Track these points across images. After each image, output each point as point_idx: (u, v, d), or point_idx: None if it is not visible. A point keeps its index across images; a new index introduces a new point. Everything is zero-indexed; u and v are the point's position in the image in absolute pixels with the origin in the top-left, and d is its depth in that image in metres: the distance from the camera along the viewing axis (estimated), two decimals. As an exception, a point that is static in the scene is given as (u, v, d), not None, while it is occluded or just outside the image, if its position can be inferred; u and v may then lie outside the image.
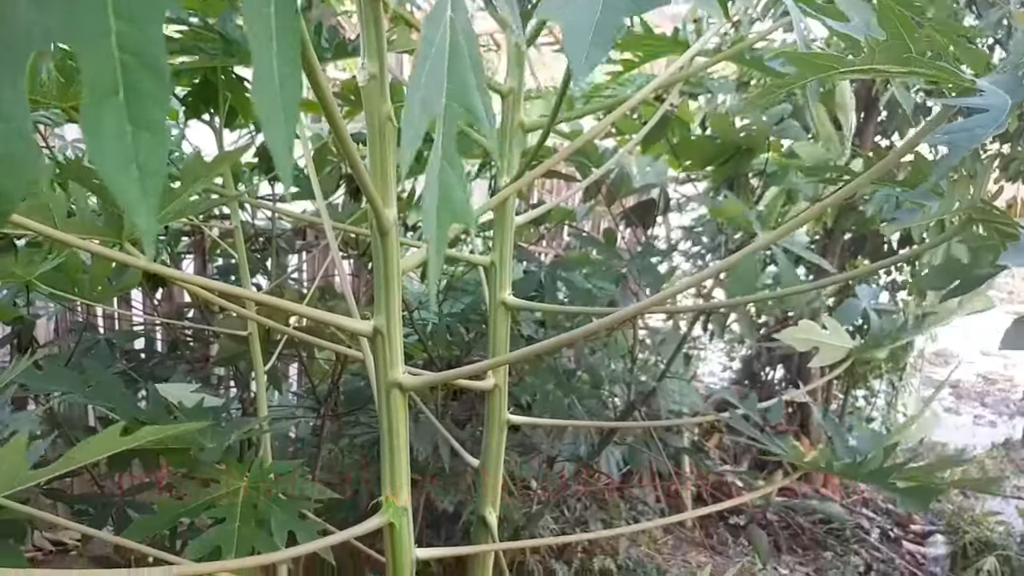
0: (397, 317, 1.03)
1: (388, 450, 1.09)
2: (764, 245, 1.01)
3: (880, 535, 4.71)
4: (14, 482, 0.68)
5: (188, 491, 1.36)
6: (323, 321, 1.03)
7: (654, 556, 4.08)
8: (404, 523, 1.10)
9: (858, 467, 1.15)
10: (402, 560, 1.11)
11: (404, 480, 1.09)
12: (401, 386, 1.06)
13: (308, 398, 2.70)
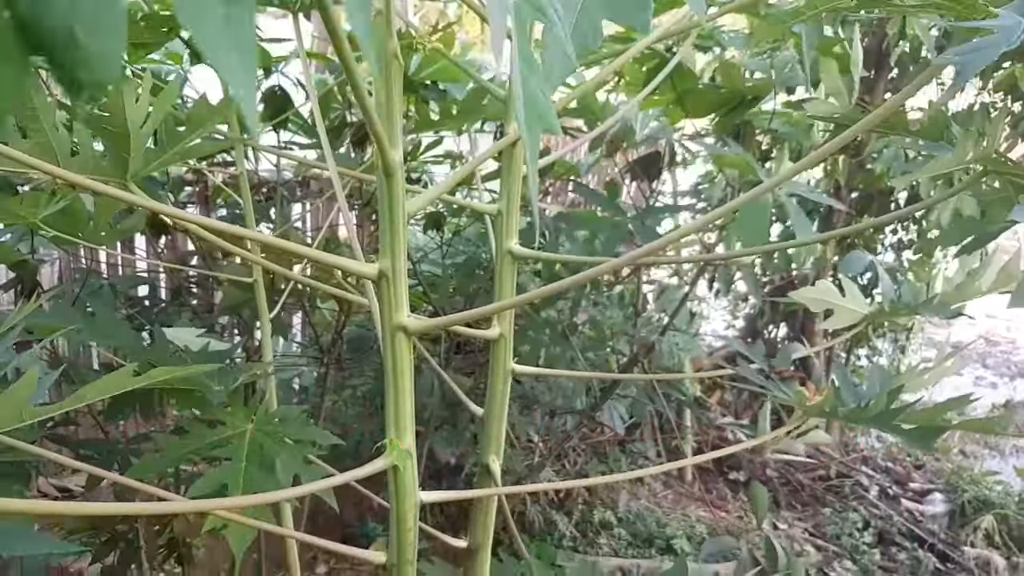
0: (402, 260, 1.03)
1: (393, 394, 1.09)
2: (770, 187, 1.00)
3: (879, 492, 4.75)
4: (21, 417, 0.68)
5: (194, 432, 1.37)
6: (329, 264, 1.02)
7: (654, 510, 4.12)
8: (408, 466, 1.11)
9: (862, 411, 1.15)
10: (406, 503, 1.12)
11: (408, 424, 1.10)
12: (406, 330, 1.06)
13: (311, 347, 2.71)
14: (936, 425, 1.17)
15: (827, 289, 1.58)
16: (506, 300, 1.35)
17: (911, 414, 1.18)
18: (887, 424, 1.17)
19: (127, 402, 1.73)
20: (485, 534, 1.65)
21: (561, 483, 3.08)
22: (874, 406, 1.20)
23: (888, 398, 1.19)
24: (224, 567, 3.47)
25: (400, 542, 1.13)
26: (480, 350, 3.29)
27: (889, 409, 1.18)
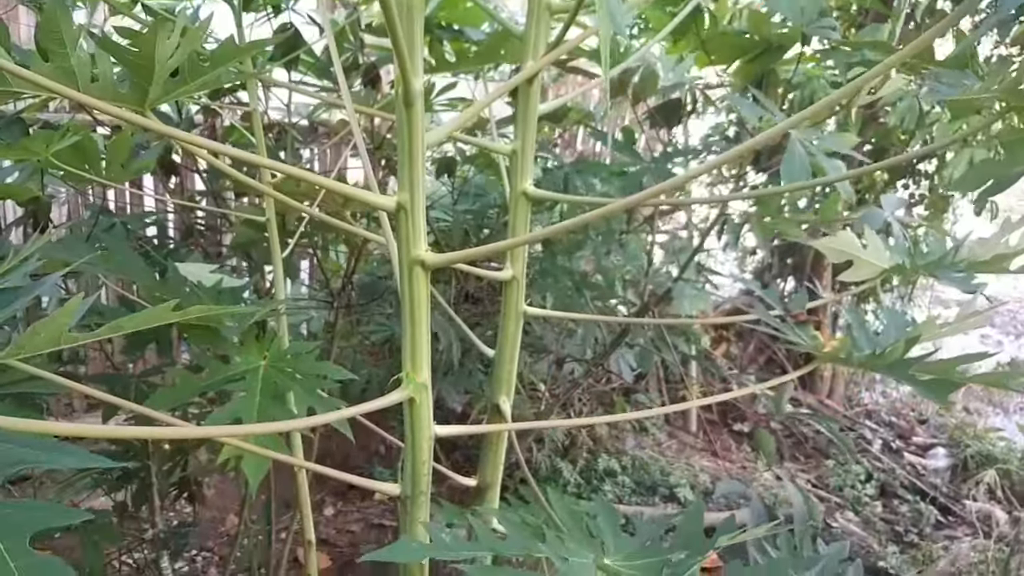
0: (421, 192, 1.02)
1: (409, 328, 1.09)
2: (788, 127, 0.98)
3: (882, 446, 4.78)
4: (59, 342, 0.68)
5: (209, 367, 1.37)
6: (346, 195, 1.02)
7: (658, 458, 4.16)
8: (424, 399, 1.11)
9: (878, 358, 1.15)
10: (421, 436, 1.13)
11: (424, 357, 1.10)
12: (423, 264, 1.06)
13: (321, 291, 2.71)
14: (951, 378, 1.16)
15: (849, 240, 1.56)
16: (521, 236, 1.34)
17: (927, 365, 1.17)
18: (902, 373, 1.16)
19: (145, 338, 1.75)
20: (494, 473, 1.67)
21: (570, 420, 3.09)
22: (890, 354, 1.19)
23: (905, 346, 1.18)
24: (234, 508, 3.52)
25: (415, 474, 1.14)
26: (487, 299, 3.29)
27: (905, 358, 1.17)
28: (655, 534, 1.04)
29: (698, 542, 0.96)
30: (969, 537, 3.81)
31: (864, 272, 1.56)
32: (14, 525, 0.48)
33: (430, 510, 1.19)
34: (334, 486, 3.84)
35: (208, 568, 3.04)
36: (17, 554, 0.47)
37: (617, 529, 1.06)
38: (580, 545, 0.98)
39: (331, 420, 1.02)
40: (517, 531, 1.01)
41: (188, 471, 2.35)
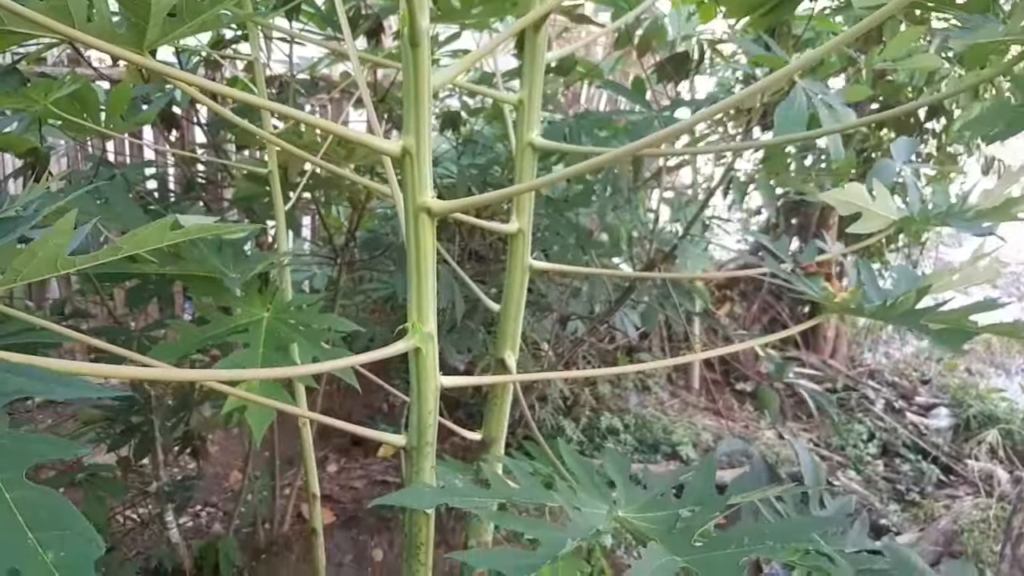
0: (427, 137, 1.00)
1: (415, 277, 1.07)
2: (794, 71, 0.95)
3: (885, 406, 4.78)
4: (56, 267, 0.66)
5: (212, 318, 1.36)
6: (352, 140, 0.99)
7: (660, 417, 4.16)
8: (430, 349, 1.09)
9: (890, 309, 1.13)
10: (427, 386, 1.12)
11: (430, 307, 1.08)
12: (430, 211, 1.04)
13: (324, 247, 2.69)
14: (963, 327, 1.15)
15: (858, 192, 1.54)
16: (526, 183, 1.31)
17: (938, 315, 1.15)
18: (914, 323, 1.15)
19: (147, 294, 1.73)
20: (499, 427, 1.66)
21: (575, 372, 3.08)
22: (901, 304, 1.18)
23: (916, 296, 1.16)
24: (237, 464, 3.53)
25: (420, 425, 1.13)
26: (492, 258, 3.27)
27: (916, 308, 1.15)
28: (666, 487, 1.03)
29: (710, 498, 0.95)
30: (971, 496, 3.82)
31: (873, 224, 1.54)
32: (11, 456, 0.47)
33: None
34: (337, 443, 3.85)
35: (212, 523, 3.05)
36: (13, 485, 0.45)
37: (628, 481, 1.05)
38: (592, 496, 0.97)
39: (337, 368, 1.01)
40: (529, 480, 1.00)
41: (191, 426, 2.35)
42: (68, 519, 0.46)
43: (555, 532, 0.82)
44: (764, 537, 0.81)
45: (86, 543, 0.45)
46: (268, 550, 2.72)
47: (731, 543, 0.79)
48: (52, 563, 0.44)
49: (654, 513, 0.95)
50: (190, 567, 2.44)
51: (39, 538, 0.44)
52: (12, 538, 0.44)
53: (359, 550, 2.76)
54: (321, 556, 1.99)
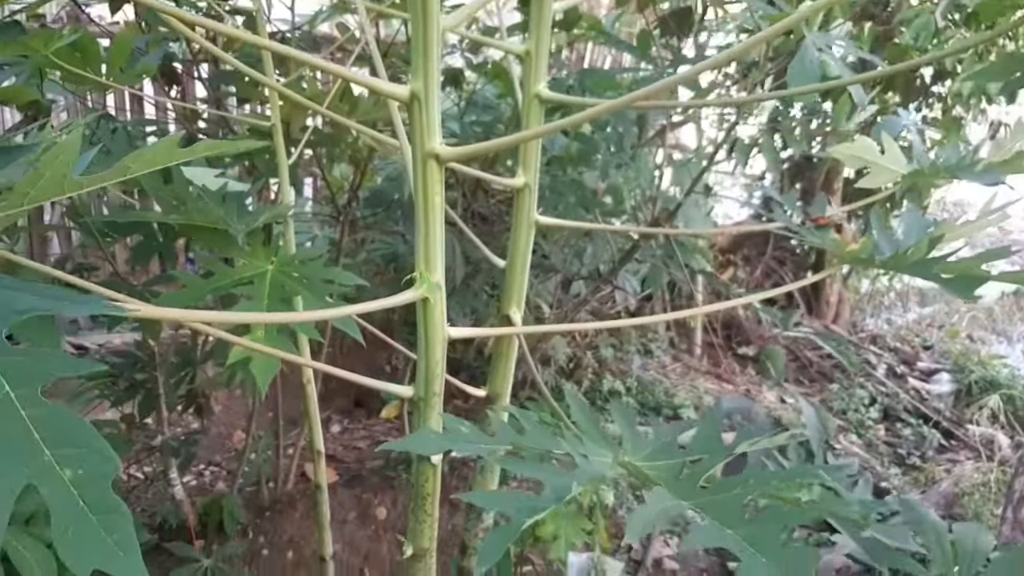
0: (435, 81, 0.98)
1: (423, 225, 1.05)
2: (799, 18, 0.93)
3: (887, 371, 4.79)
4: (63, 189, 0.65)
5: (217, 271, 1.35)
6: (358, 83, 0.97)
7: (662, 380, 4.17)
8: (438, 300, 1.08)
9: (901, 258, 1.12)
10: (435, 337, 1.10)
11: (439, 256, 1.06)
12: (438, 157, 1.02)
13: (327, 205, 2.67)
14: (976, 274, 1.13)
15: (867, 146, 1.52)
16: (537, 128, 1.29)
17: (950, 264, 1.14)
18: (927, 272, 1.13)
19: (150, 249, 1.72)
20: (504, 384, 1.65)
21: (582, 325, 3.08)
22: (913, 254, 1.16)
23: (928, 245, 1.15)
24: (240, 424, 3.54)
25: (427, 375, 1.12)
26: (496, 219, 3.25)
27: (929, 257, 1.14)
28: (672, 437, 1.03)
29: (716, 446, 0.95)
30: (971, 460, 3.83)
31: (882, 179, 1.52)
32: (26, 373, 0.46)
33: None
34: (340, 405, 3.87)
35: (215, 482, 3.07)
36: (29, 402, 0.45)
37: (635, 431, 1.04)
38: (598, 444, 0.96)
39: (344, 314, 1.00)
40: (535, 428, 0.99)
41: (195, 384, 2.35)
42: (85, 437, 0.45)
43: (561, 476, 0.82)
44: (769, 479, 0.80)
45: (104, 461, 0.45)
46: (272, 508, 2.74)
47: (736, 486, 0.78)
48: (70, 480, 0.43)
49: (661, 461, 0.94)
50: (194, 523, 2.46)
51: (56, 455, 0.43)
52: (28, 455, 0.43)
53: (362, 508, 2.77)
54: (325, 512, 1.99)
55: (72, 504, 0.43)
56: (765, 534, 0.65)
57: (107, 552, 0.43)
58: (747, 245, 5.17)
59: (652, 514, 0.76)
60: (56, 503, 0.42)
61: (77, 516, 0.43)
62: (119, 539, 0.43)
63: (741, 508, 0.73)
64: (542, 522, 2.18)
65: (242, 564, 2.51)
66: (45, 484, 0.43)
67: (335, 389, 3.88)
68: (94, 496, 0.43)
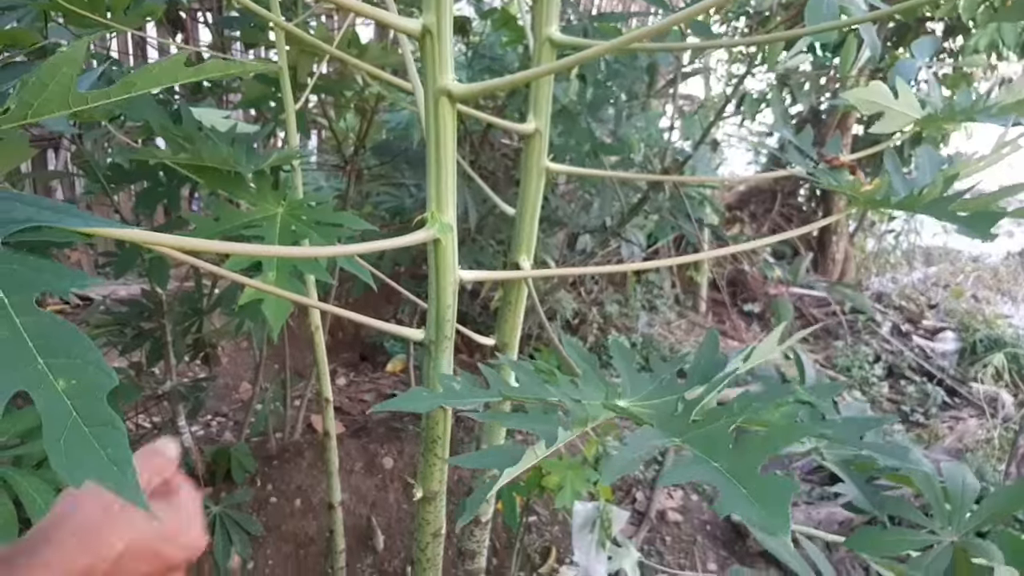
0: (448, 14, 0.96)
1: (435, 164, 1.04)
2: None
3: (891, 329, 4.79)
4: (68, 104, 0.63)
5: (225, 214, 1.34)
6: (369, 16, 0.95)
7: (667, 336, 4.17)
8: (449, 241, 1.07)
9: (917, 199, 1.10)
10: (446, 279, 1.10)
11: (450, 196, 1.05)
12: (450, 94, 1.00)
13: (334, 154, 2.65)
14: (991, 211, 1.12)
15: (879, 90, 1.49)
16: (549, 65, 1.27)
17: (966, 202, 1.13)
18: (942, 211, 1.12)
19: (155, 195, 1.70)
20: (513, 333, 1.65)
21: (594, 268, 3.05)
22: (928, 194, 1.15)
23: (944, 184, 1.14)
24: (247, 376, 3.56)
25: (438, 318, 1.11)
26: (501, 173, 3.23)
27: (944, 196, 1.13)
28: (670, 373, 1.02)
29: (715, 373, 0.94)
30: (975, 418, 3.85)
31: (896, 123, 1.50)
32: (21, 281, 0.45)
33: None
34: (346, 359, 3.88)
35: (223, 432, 3.08)
36: (23, 310, 0.44)
37: (634, 372, 1.04)
38: (595, 389, 0.96)
39: (356, 251, 0.99)
40: (530, 378, 0.98)
41: (202, 333, 2.35)
42: (80, 348, 0.44)
43: (550, 425, 0.81)
44: (750, 401, 0.80)
45: (99, 373, 0.44)
46: (279, 457, 2.75)
47: (722, 415, 0.77)
48: (63, 390, 0.42)
49: (657, 399, 0.94)
50: (203, 472, 2.47)
51: (49, 364, 0.43)
52: (22, 362, 0.42)
53: (369, 458, 2.79)
54: (334, 459, 2.00)
55: (65, 414, 0.42)
56: (746, 464, 0.65)
57: (101, 465, 0.41)
58: (754, 201, 5.15)
59: (632, 454, 0.75)
60: (49, 412, 0.41)
61: (70, 427, 0.42)
62: (113, 453, 0.42)
63: (726, 438, 0.72)
64: (548, 472, 2.19)
65: (250, 511, 2.53)
66: (38, 392, 0.42)
67: (341, 342, 3.89)
68: (88, 408, 0.42)
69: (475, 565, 1.83)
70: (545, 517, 2.81)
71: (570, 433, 0.80)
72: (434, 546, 1.34)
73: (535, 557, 2.67)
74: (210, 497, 2.44)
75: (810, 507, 2.96)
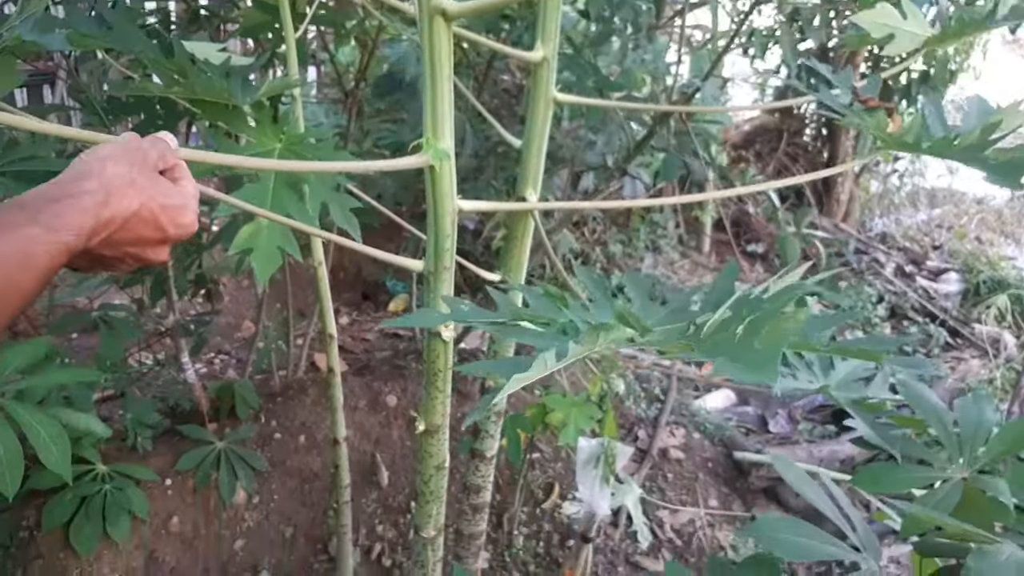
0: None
1: (430, 87, 1.01)
2: None
3: (895, 269, 4.77)
4: None
5: (222, 147, 1.31)
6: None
7: (671, 276, 4.16)
8: (446, 168, 1.04)
9: (950, 143, 1.07)
10: (443, 207, 1.07)
11: (447, 121, 1.02)
12: (445, 12, 0.96)
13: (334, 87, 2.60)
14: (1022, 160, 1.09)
15: (888, 12, 1.45)
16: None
17: (999, 151, 1.10)
18: (976, 159, 1.08)
19: (152, 127, 1.67)
20: (518, 268, 1.63)
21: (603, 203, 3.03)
22: (963, 140, 1.11)
23: (984, 133, 1.10)
24: (249, 315, 3.56)
25: (437, 248, 1.09)
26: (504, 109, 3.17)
27: (978, 142, 1.09)
28: (685, 303, 1.01)
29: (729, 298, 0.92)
30: (977, 359, 3.85)
31: (906, 44, 1.46)
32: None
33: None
34: (347, 298, 3.87)
35: (226, 370, 3.09)
36: None
37: (647, 300, 1.02)
38: (607, 313, 0.94)
39: (357, 168, 0.96)
40: (540, 300, 0.96)
41: (203, 269, 2.34)
42: None
43: (561, 340, 0.80)
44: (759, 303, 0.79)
45: None
46: (283, 394, 2.76)
47: (732, 324, 0.76)
48: None
49: (669, 325, 0.92)
50: (207, 408, 2.48)
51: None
52: None
53: (373, 396, 2.79)
54: (338, 395, 2.00)
55: None
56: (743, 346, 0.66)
57: None
58: (759, 141, 5.09)
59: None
60: None
61: None
62: None
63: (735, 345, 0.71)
64: (552, 409, 2.20)
65: (255, 447, 2.54)
66: None
67: (343, 282, 3.88)
68: None
69: (479, 499, 1.84)
70: (548, 454, 2.83)
71: (583, 348, 0.78)
72: (437, 479, 1.34)
73: (538, 493, 2.69)
74: (214, 433, 2.45)
75: (812, 445, 2.98)
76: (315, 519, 2.49)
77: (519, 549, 2.49)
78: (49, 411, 1.75)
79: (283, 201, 1.26)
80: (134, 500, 2.21)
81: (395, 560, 2.43)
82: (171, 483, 2.39)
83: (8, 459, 1.62)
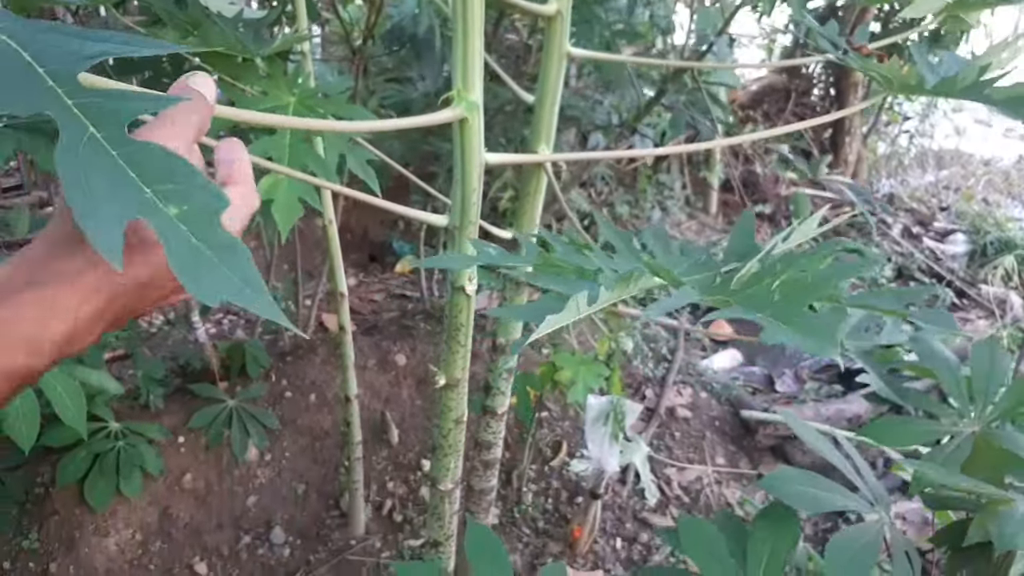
0: None
1: (461, 37, 0.99)
2: None
3: (902, 230, 4.76)
4: None
5: (238, 100, 1.30)
6: None
7: (677, 237, 4.15)
8: (476, 120, 1.03)
9: (952, 82, 1.07)
10: (472, 161, 1.06)
11: (477, 72, 1.01)
12: (478, -39, 0.95)
13: (341, 44, 2.57)
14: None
15: (908, -28, 1.43)
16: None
17: (1001, 87, 1.10)
18: (979, 94, 1.09)
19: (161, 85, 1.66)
20: (531, 223, 1.62)
21: (616, 152, 3.02)
22: (963, 79, 1.11)
23: (979, 70, 1.10)
24: (257, 275, 3.55)
25: (464, 202, 1.09)
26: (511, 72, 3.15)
27: (980, 80, 1.09)
28: (706, 255, 1.01)
29: (751, 249, 0.92)
30: (983, 319, 3.85)
31: (926, 7, 1.45)
32: (107, 113, 0.42)
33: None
34: (355, 259, 3.87)
35: (235, 330, 3.10)
36: (116, 142, 0.41)
37: (669, 250, 1.02)
38: (630, 260, 0.94)
39: (379, 128, 0.95)
40: (564, 247, 0.96)
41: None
42: (184, 173, 0.42)
43: (589, 284, 0.79)
44: (796, 259, 0.79)
45: (209, 196, 0.42)
46: (293, 353, 2.77)
47: (765, 277, 0.76)
48: (176, 217, 0.41)
49: (696, 275, 0.92)
50: (217, 367, 2.49)
51: (157, 192, 0.41)
52: (131, 194, 0.40)
53: (382, 355, 2.80)
54: (349, 353, 2.01)
55: (184, 240, 0.41)
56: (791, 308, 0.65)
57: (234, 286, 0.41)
58: (767, 101, 5.05)
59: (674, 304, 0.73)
60: (169, 242, 0.40)
61: (193, 252, 0.41)
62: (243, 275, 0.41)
63: (771, 293, 0.71)
64: (561, 368, 2.21)
65: (266, 405, 2.56)
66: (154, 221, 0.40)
67: (350, 243, 3.87)
68: (205, 233, 0.41)
69: (491, 455, 1.85)
70: (556, 413, 2.85)
71: (615, 293, 0.78)
72: (456, 432, 1.35)
73: (546, 451, 2.71)
74: (225, 391, 2.47)
75: (819, 404, 2.99)
76: (326, 476, 2.51)
77: (528, 505, 2.52)
78: (65, 368, 1.75)
79: (300, 155, 1.26)
80: (147, 457, 2.22)
81: (406, 516, 2.46)
82: (184, 440, 2.41)
83: (24, 412, 1.63)
